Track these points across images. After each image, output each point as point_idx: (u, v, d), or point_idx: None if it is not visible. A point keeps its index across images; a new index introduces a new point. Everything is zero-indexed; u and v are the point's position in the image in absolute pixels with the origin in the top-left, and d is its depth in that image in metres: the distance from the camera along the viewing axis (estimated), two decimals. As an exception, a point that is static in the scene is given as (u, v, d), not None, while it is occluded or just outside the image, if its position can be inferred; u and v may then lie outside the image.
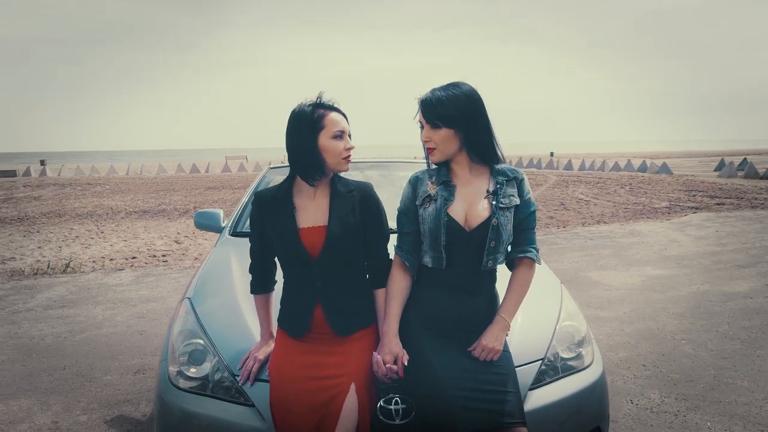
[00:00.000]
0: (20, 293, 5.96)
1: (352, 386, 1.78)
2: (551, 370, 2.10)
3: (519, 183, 1.92)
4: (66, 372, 3.76)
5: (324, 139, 1.81)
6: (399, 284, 1.90)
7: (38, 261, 8.32)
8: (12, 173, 31.50)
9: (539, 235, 9.17)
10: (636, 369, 3.66)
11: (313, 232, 1.83)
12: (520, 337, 2.11)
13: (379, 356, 1.81)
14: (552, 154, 46.23)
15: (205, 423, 1.93)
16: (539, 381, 2.04)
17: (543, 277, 2.61)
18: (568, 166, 30.21)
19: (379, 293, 1.92)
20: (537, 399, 1.99)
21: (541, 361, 2.07)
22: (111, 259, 8.37)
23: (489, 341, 1.83)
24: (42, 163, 37.61)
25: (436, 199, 1.87)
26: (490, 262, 1.86)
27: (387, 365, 1.79)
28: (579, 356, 2.19)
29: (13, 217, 14.01)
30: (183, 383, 2.05)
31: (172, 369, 2.10)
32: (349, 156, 1.86)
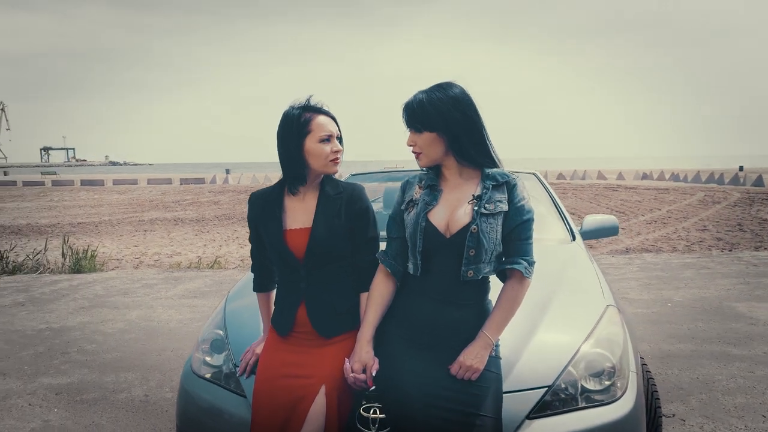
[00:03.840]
0: (167, 283, 6.83)
1: (322, 389, 1.75)
2: (571, 399, 1.87)
3: (510, 188, 1.75)
4: (171, 354, 4.22)
5: (310, 143, 1.82)
6: (379, 290, 1.83)
7: (198, 257, 9.45)
8: (201, 180, 36.33)
9: (694, 258, 8.11)
10: (751, 418, 3.06)
11: (298, 233, 1.85)
12: (528, 359, 1.91)
13: (348, 363, 1.77)
14: (741, 168, 40.48)
15: (208, 407, 2.06)
16: (546, 409, 1.82)
17: (587, 296, 2.33)
18: (758, 182, 26.23)
19: (363, 297, 1.88)
20: (540, 429, 1.78)
21: (547, 389, 1.84)
22: (255, 259, 9.22)
23: (467, 359, 1.69)
24: (227, 172, 42.66)
25: (418, 204, 1.79)
26: (471, 272, 1.71)
27: (353, 373, 1.75)
28: (607, 389, 1.91)
29: (192, 218, 16.09)
30: (204, 369, 2.19)
31: (197, 356, 2.26)
32: (336, 158, 1.85)
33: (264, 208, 1.91)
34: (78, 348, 4.38)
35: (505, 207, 1.73)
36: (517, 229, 1.74)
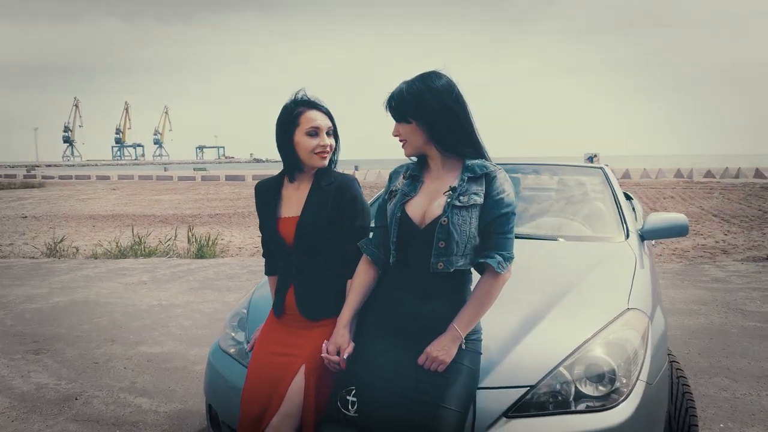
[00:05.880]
0: (270, 270, 7.33)
1: (302, 368, 1.84)
2: (561, 402, 1.78)
3: (489, 180, 1.71)
4: (251, 334, 4.57)
5: (299, 136, 1.92)
6: (360, 277, 1.87)
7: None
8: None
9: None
10: None
11: (289, 221, 1.96)
12: (517, 357, 1.84)
13: (325, 344, 1.84)
14: None
15: (230, 382, 2.22)
16: (528, 409, 1.76)
17: (608, 297, 2.17)
18: None
19: (349, 283, 1.93)
20: (516, 428, 1.72)
21: (529, 389, 1.76)
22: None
23: (434, 350, 1.68)
24: (355, 168, 44.60)
25: (397, 194, 1.82)
26: (441, 264, 1.70)
27: (325, 355, 1.81)
28: (606, 396, 1.78)
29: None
30: (230, 344, 2.39)
31: (226, 331, 2.47)
32: (322, 152, 1.93)
33: (265, 197, 2.05)
34: (177, 323, 4.90)
35: (480, 200, 1.70)
36: (495, 223, 1.70)
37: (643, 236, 2.93)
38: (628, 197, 4.93)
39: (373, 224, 1.94)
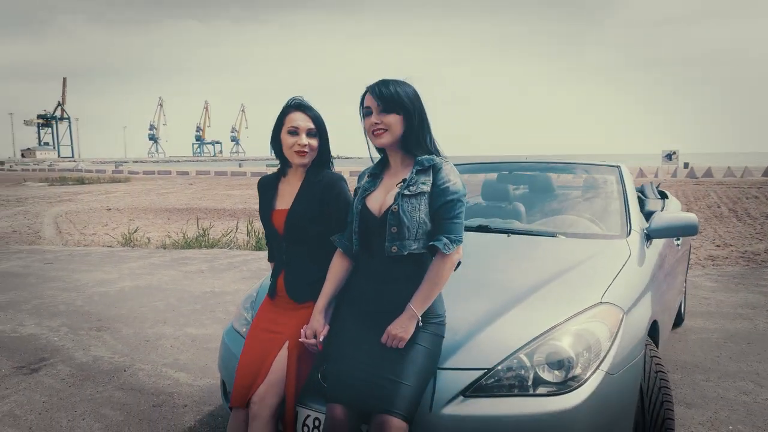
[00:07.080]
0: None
1: (286, 344, 2.07)
2: (518, 385, 1.90)
3: (435, 171, 1.90)
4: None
5: (282, 133, 2.17)
6: (335, 267, 2.09)
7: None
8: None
9: None
10: None
11: (281, 213, 2.20)
12: (478, 341, 1.99)
13: (303, 330, 2.06)
14: None
15: (234, 356, 2.47)
16: (485, 390, 1.89)
17: (583, 291, 2.25)
18: None
19: None
20: (471, 406, 1.85)
21: (486, 371, 1.89)
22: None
23: (393, 329, 1.87)
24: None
25: (359, 190, 2.03)
26: (395, 247, 1.89)
27: (303, 339, 2.04)
28: (563, 383, 1.88)
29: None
30: (242, 323, 2.64)
31: (240, 312, 2.73)
32: (300, 151, 2.14)
33: (264, 191, 2.30)
34: (223, 309, 5.30)
35: (427, 188, 1.88)
36: (442, 209, 1.88)
37: (650, 235, 2.94)
38: (663, 196, 4.83)
39: None
